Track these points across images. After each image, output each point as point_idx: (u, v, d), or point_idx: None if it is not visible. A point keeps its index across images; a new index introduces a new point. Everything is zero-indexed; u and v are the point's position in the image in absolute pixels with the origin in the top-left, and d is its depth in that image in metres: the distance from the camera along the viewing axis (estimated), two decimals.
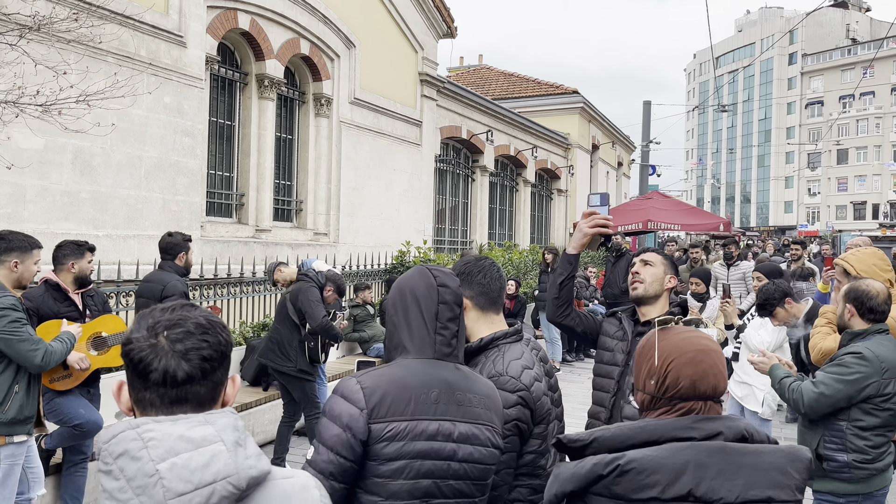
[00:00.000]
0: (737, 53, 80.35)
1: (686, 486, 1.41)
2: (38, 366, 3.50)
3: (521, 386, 2.08)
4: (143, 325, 1.17)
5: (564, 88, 20.81)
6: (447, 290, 1.89)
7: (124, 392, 1.18)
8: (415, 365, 1.82)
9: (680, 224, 18.89)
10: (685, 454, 1.43)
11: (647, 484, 1.41)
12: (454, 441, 1.77)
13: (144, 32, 7.33)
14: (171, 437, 1.07)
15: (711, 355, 1.58)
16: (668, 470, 1.42)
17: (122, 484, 1.05)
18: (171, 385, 1.13)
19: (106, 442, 1.08)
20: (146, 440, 1.06)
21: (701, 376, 1.55)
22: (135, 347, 1.15)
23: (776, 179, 75.65)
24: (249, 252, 8.73)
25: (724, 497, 1.41)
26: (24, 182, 6.24)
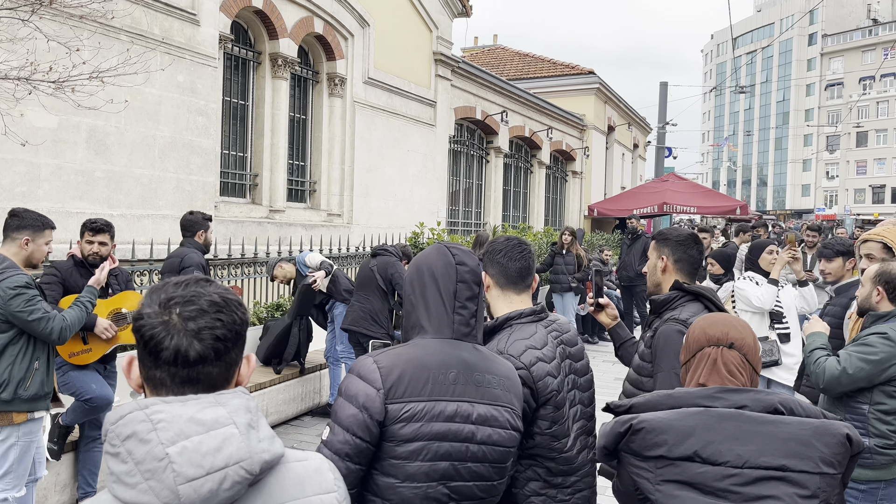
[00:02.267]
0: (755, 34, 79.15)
1: (692, 447, 1.51)
2: (56, 340, 3.53)
3: (521, 365, 2.03)
4: (155, 300, 1.11)
5: (580, 69, 20.56)
6: (465, 268, 1.84)
7: (135, 368, 1.14)
8: (433, 344, 1.78)
9: (696, 207, 18.72)
10: (694, 418, 1.54)
11: (655, 443, 1.54)
12: (473, 423, 1.73)
13: (157, 10, 7.27)
14: (182, 419, 1.03)
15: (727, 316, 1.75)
16: (675, 431, 1.53)
17: (130, 467, 1.00)
18: (183, 365, 1.08)
19: (113, 423, 1.04)
20: (155, 422, 1.02)
21: (710, 324, 1.72)
22: (146, 324, 1.09)
23: (794, 162, 74.73)
24: (263, 232, 8.71)
25: (731, 461, 1.49)
26: (38, 161, 6.24)
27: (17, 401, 3.42)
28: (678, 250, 2.78)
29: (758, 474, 1.48)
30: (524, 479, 2.11)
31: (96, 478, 4.36)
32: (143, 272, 6.05)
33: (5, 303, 3.34)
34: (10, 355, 3.41)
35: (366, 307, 5.95)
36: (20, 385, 3.42)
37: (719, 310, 2.66)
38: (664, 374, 2.58)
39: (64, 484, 4.37)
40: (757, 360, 1.71)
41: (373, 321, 5.91)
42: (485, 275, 2.21)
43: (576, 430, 2.18)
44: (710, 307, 2.66)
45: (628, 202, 19.07)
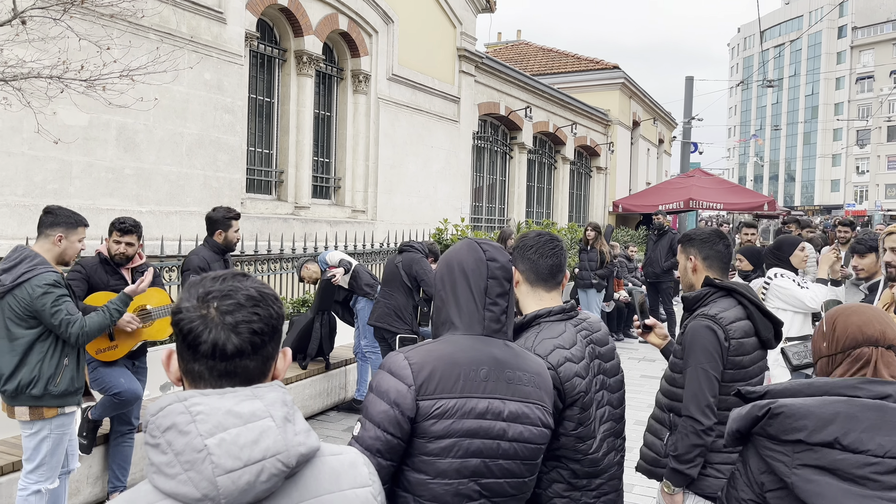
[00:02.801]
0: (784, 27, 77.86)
1: (832, 433, 1.52)
2: (73, 343, 3.53)
3: (548, 365, 2.00)
4: (193, 295, 1.13)
5: (605, 64, 20.40)
6: (496, 264, 1.82)
7: (173, 362, 1.15)
8: (463, 341, 1.77)
9: (722, 203, 18.50)
10: (836, 406, 1.56)
11: (795, 427, 1.56)
12: (504, 420, 1.72)
13: (185, 9, 7.34)
14: (220, 411, 1.04)
15: (875, 310, 1.75)
16: (815, 417, 1.55)
17: (170, 458, 1.02)
18: (221, 358, 1.09)
19: (153, 415, 1.05)
20: (194, 414, 1.03)
21: (866, 322, 1.70)
22: (185, 318, 1.11)
23: (823, 157, 73.45)
24: (289, 229, 8.78)
25: (873, 450, 1.50)
26: (70, 158, 6.34)
27: (47, 396, 3.47)
28: (704, 248, 2.80)
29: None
30: (548, 481, 2.09)
31: (126, 472, 4.42)
32: (171, 268, 6.13)
33: (33, 300, 3.39)
34: (38, 352, 3.46)
35: (391, 303, 5.98)
36: (50, 381, 3.47)
37: (753, 304, 2.65)
38: (692, 369, 2.58)
39: (96, 477, 4.45)
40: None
41: (397, 317, 5.94)
42: (514, 270, 2.18)
43: (603, 431, 2.14)
44: (742, 302, 2.65)
45: (653, 198, 18.88)
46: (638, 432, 6.21)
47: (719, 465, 2.58)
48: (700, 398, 2.53)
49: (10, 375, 3.43)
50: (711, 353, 2.56)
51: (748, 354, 2.62)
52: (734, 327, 2.60)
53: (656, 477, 2.74)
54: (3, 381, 3.45)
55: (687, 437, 2.53)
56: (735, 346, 2.59)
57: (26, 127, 5.76)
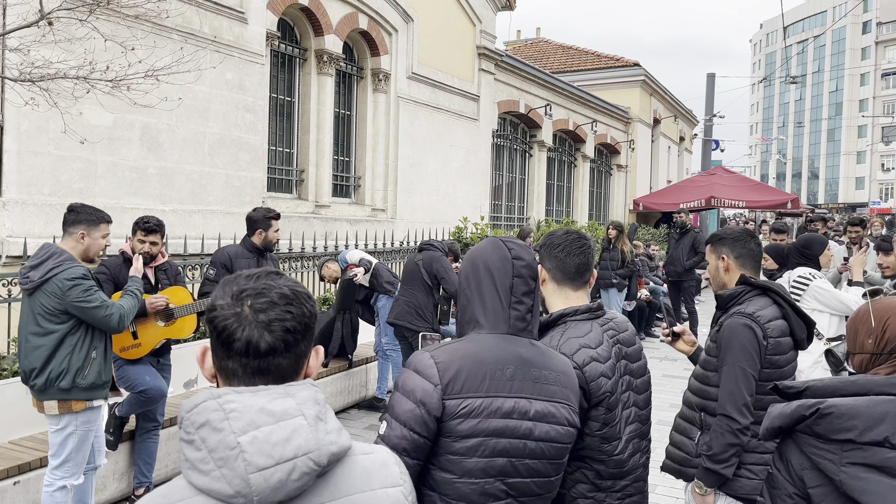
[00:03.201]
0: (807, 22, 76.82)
1: (883, 433, 1.53)
2: (116, 328, 3.61)
3: (573, 364, 1.98)
4: (227, 292, 1.14)
5: (625, 61, 20.26)
6: (522, 262, 1.81)
7: (208, 358, 1.16)
8: (489, 340, 1.76)
9: (745, 201, 18.30)
10: (885, 406, 1.56)
11: (844, 427, 1.56)
12: (530, 419, 1.72)
13: (207, 9, 7.40)
14: (252, 409, 1.05)
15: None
16: (866, 417, 1.55)
17: (203, 455, 1.03)
18: (254, 356, 1.10)
19: (188, 411, 1.07)
20: (227, 411, 1.04)
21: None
22: (219, 315, 1.12)
23: (847, 154, 72.39)
24: (309, 227, 8.82)
25: None
26: (95, 158, 6.42)
27: (75, 389, 3.53)
28: (736, 246, 2.78)
29: None
30: (572, 481, 2.08)
31: (151, 468, 4.47)
32: (194, 266, 6.18)
33: (63, 294, 3.44)
34: (68, 345, 3.52)
35: (411, 301, 5.99)
36: (78, 374, 3.52)
37: (788, 304, 2.63)
38: (729, 367, 2.55)
39: (122, 472, 4.50)
40: None
41: (417, 315, 5.95)
42: (540, 269, 2.17)
43: (628, 432, 2.12)
44: (777, 301, 2.63)
45: (674, 196, 18.72)
46: (661, 432, 6.17)
47: (752, 466, 2.55)
48: (737, 397, 2.50)
49: (40, 369, 3.50)
50: (750, 351, 2.53)
51: (784, 354, 2.60)
52: (772, 326, 2.57)
53: (685, 477, 2.70)
54: (34, 376, 3.52)
55: (723, 436, 2.50)
56: (773, 345, 2.56)
57: (52, 127, 5.84)
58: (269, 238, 5.07)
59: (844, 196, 72.01)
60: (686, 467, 2.69)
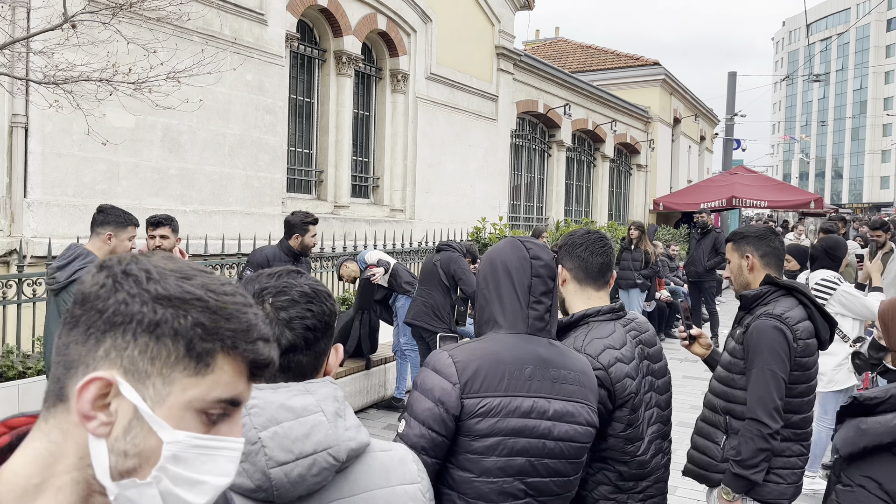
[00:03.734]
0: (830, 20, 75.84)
1: None
2: None
3: (599, 365, 1.98)
4: (249, 291, 1.16)
5: (644, 60, 20.13)
6: (540, 262, 1.81)
7: None
8: (508, 339, 1.76)
9: (767, 200, 18.10)
10: None
11: None
12: (549, 419, 1.72)
13: (228, 11, 7.47)
14: (273, 405, 1.06)
15: None
16: None
17: None
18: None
19: None
20: (249, 407, 1.05)
21: None
22: None
23: (872, 153, 71.33)
24: (328, 228, 8.86)
25: None
26: (117, 159, 6.50)
27: None
28: (761, 245, 2.71)
29: None
30: (594, 482, 2.07)
31: None
32: (215, 266, 6.23)
33: None
34: None
35: (428, 302, 6.00)
36: None
37: (814, 305, 2.58)
38: (758, 370, 2.50)
39: None
40: None
41: (434, 316, 5.95)
42: (561, 269, 2.17)
43: (651, 433, 2.11)
44: (803, 302, 2.59)
45: (695, 196, 18.56)
46: (681, 433, 6.11)
47: (780, 470, 2.50)
48: (767, 401, 2.44)
49: None
50: (780, 353, 2.47)
51: (812, 356, 2.56)
52: (800, 328, 2.52)
53: (708, 482, 2.65)
54: None
55: (752, 440, 2.44)
56: (802, 346, 2.51)
57: (76, 129, 5.92)
58: (306, 243, 5.13)
59: (869, 196, 70.95)
60: (710, 472, 2.62)
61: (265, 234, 7.57)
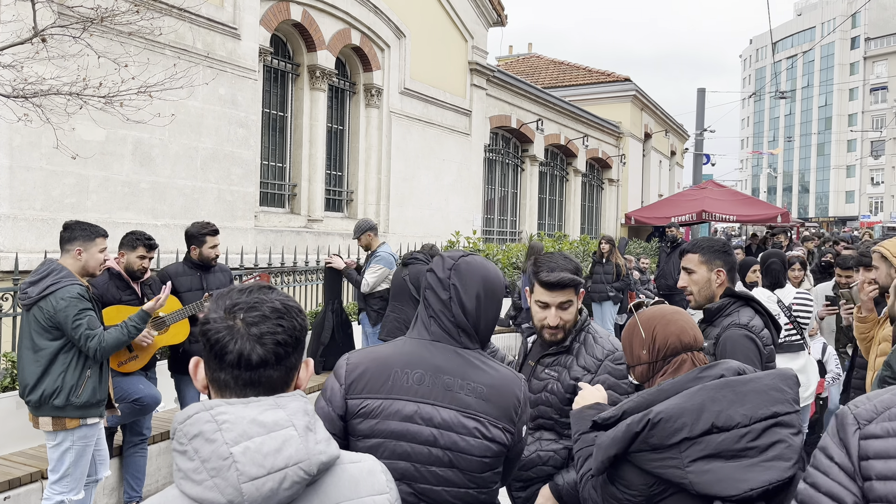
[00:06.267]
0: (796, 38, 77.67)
1: (708, 420, 1.61)
2: (92, 357, 3.57)
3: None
4: (220, 306, 1.17)
5: (616, 76, 20.44)
6: (432, 275, 1.90)
7: (200, 370, 1.19)
8: (406, 345, 1.83)
9: (735, 215, 18.42)
10: (699, 395, 1.65)
11: (676, 428, 1.62)
12: (435, 426, 1.72)
13: (200, 25, 7.46)
14: (244, 420, 1.07)
15: (681, 314, 1.90)
16: (690, 412, 1.63)
17: (196, 465, 1.05)
18: (246, 368, 1.13)
19: (181, 422, 1.09)
20: (220, 423, 1.07)
21: (681, 330, 1.85)
22: (212, 328, 1.15)
23: (837, 168, 72.97)
24: (302, 241, 8.84)
25: (740, 421, 1.62)
26: (87, 173, 6.43)
27: (69, 407, 3.53)
28: (729, 259, 2.81)
29: (762, 426, 1.62)
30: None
31: (141, 482, 4.45)
32: None
33: (56, 311, 3.46)
34: (62, 363, 3.52)
35: (400, 317, 5.99)
36: (72, 392, 3.52)
37: (768, 315, 2.69)
38: None
39: (112, 488, 4.48)
40: None
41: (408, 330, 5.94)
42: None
43: None
44: (759, 311, 2.68)
45: (666, 210, 18.84)
46: None
47: None
48: None
49: (34, 385, 3.51)
50: (754, 361, 2.54)
51: (772, 362, 2.65)
52: (764, 335, 2.62)
53: None
54: (28, 391, 3.53)
55: None
56: (767, 353, 2.61)
57: (45, 142, 5.86)
58: (205, 254, 4.79)
59: (835, 210, 72.50)
60: None
61: (237, 248, 7.53)
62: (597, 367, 2.33)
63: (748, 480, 1.57)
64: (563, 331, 2.38)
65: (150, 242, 4.29)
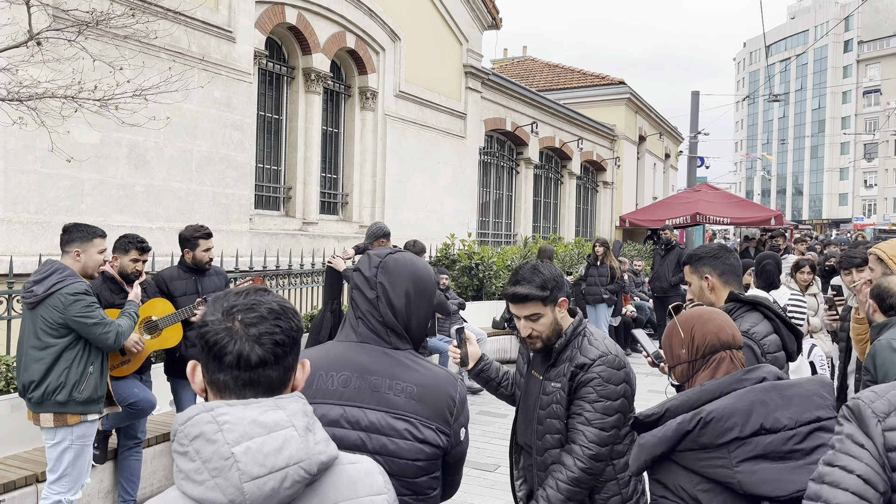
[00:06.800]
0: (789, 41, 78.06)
1: (757, 422, 1.65)
2: (112, 346, 3.70)
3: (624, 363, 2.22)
4: (218, 308, 1.19)
5: (610, 79, 20.50)
6: (358, 275, 1.83)
7: (198, 373, 1.20)
8: (333, 347, 1.77)
9: (729, 217, 18.48)
10: (749, 397, 1.69)
11: (727, 428, 1.65)
12: (363, 430, 1.65)
13: (196, 28, 7.46)
14: (245, 420, 1.09)
15: (719, 314, 1.93)
16: (740, 413, 1.66)
17: (198, 465, 1.07)
18: (245, 368, 1.15)
19: (182, 424, 1.10)
20: (221, 423, 1.08)
21: (719, 328, 1.88)
22: (210, 330, 1.16)
23: (830, 171, 73.31)
24: (297, 244, 8.84)
25: (786, 424, 1.66)
26: (82, 176, 6.43)
27: (71, 403, 3.61)
28: (718, 264, 2.79)
29: (807, 429, 1.66)
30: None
31: (136, 487, 4.45)
32: None
33: (65, 308, 3.54)
34: (66, 360, 3.61)
35: None
36: (75, 388, 3.61)
37: (778, 318, 2.63)
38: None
39: (107, 491, 4.48)
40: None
41: None
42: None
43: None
44: (768, 315, 2.63)
45: (660, 212, 18.89)
46: None
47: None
48: None
49: (38, 382, 3.58)
50: None
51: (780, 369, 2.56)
52: (767, 342, 2.56)
53: None
54: (32, 388, 3.59)
55: None
56: (771, 360, 2.55)
57: (39, 145, 5.86)
58: (198, 257, 4.78)
59: (828, 212, 72.82)
60: None
61: (232, 251, 7.53)
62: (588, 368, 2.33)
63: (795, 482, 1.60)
64: (540, 340, 2.37)
65: (143, 245, 4.31)
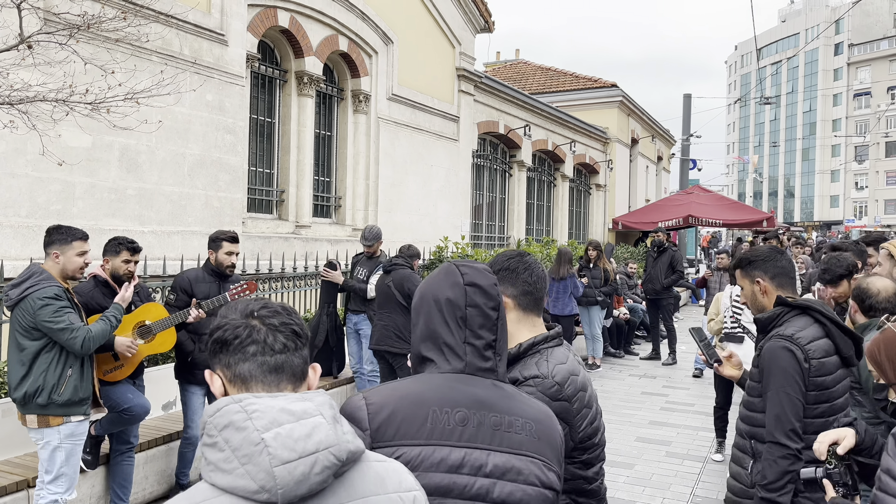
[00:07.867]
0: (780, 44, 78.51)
1: None
2: (79, 351, 3.65)
3: (564, 395, 1.81)
4: (234, 310, 1.25)
5: (603, 82, 20.57)
6: (476, 289, 1.56)
7: (216, 379, 1.23)
8: (437, 379, 1.50)
9: (722, 219, 18.55)
10: None
11: None
12: (487, 476, 1.44)
13: (188, 31, 7.45)
14: (274, 409, 1.11)
15: None
16: None
17: (227, 454, 1.07)
18: (270, 353, 1.20)
19: (211, 415, 1.12)
20: (250, 412, 1.09)
21: None
22: (230, 325, 1.22)
23: (821, 173, 73.71)
24: (290, 248, 8.82)
25: None
26: (73, 179, 6.40)
27: (51, 405, 3.62)
28: (770, 267, 2.70)
29: None
30: None
31: (128, 491, 4.43)
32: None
33: (35, 312, 3.56)
34: (43, 362, 3.62)
35: (389, 325, 5.98)
36: (54, 390, 3.61)
37: (831, 321, 2.54)
38: (773, 392, 2.48)
39: (98, 496, 4.45)
40: None
41: (397, 338, 5.93)
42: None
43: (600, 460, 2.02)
44: (819, 319, 2.54)
45: (653, 215, 18.95)
46: (639, 449, 6.22)
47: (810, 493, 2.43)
48: (784, 422, 2.44)
49: (18, 384, 3.61)
50: (792, 374, 2.45)
51: (830, 374, 2.51)
52: (813, 346, 2.48)
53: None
54: (13, 390, 3.63)
55: (775, 463, 2.42)
56: (816, 366, 2.47)
57: (30, 149, 5.83)
58: (220, 260, 4.81)
59: (820, 214, 73.20)
60: (744, 498, 2.61)
61: None
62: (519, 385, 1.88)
63: None
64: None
65: (133, 246, 4.29)
